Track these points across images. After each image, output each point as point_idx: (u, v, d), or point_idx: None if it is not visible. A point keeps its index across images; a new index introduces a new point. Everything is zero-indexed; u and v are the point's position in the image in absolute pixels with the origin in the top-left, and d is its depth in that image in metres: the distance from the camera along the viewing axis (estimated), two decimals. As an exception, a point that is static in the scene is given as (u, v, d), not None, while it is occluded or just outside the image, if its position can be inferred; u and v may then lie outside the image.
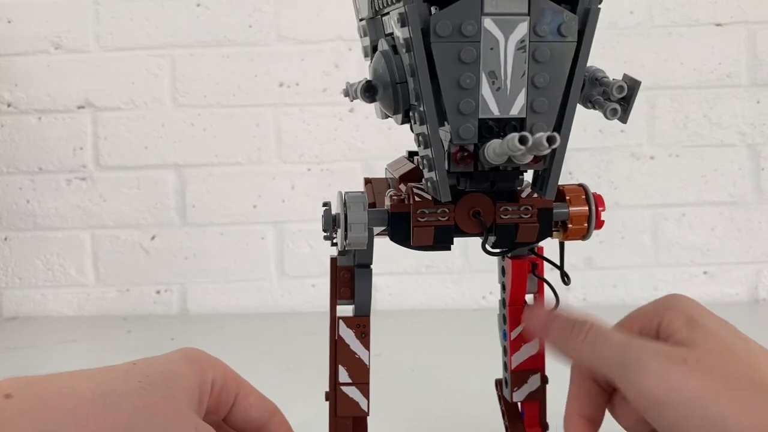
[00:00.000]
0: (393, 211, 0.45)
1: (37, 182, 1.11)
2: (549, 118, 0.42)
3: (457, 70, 0.40)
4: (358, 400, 0.50)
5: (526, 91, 0.41)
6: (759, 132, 1.07)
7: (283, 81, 1.08)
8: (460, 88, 0.40)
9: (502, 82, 0.41)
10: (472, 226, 0.45)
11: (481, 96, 0.41)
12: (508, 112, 0.41)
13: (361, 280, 0.49)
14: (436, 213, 0.44)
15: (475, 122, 0.41)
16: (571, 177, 1.08)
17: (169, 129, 1.10)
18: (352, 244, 0.46)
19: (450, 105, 0.41)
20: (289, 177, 1.09)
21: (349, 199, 0.46)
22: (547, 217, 0.46)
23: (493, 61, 0.40)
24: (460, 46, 0.40)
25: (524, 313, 0.50)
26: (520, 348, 0.51)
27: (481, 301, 1.10)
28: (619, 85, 0.42)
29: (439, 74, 0.40)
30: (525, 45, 0.40)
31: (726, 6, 1.05)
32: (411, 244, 0.45)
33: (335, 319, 0.50)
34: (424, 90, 0.40)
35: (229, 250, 1.11)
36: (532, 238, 0.46)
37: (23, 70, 1.10)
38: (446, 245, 0.46)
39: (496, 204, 0.45)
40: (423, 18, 0.40)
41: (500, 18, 0.40)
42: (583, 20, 0.41)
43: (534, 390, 0.51)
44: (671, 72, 1.06)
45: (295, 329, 0.99)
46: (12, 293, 1.13)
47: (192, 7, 1.08)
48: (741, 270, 1.08)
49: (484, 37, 0.40)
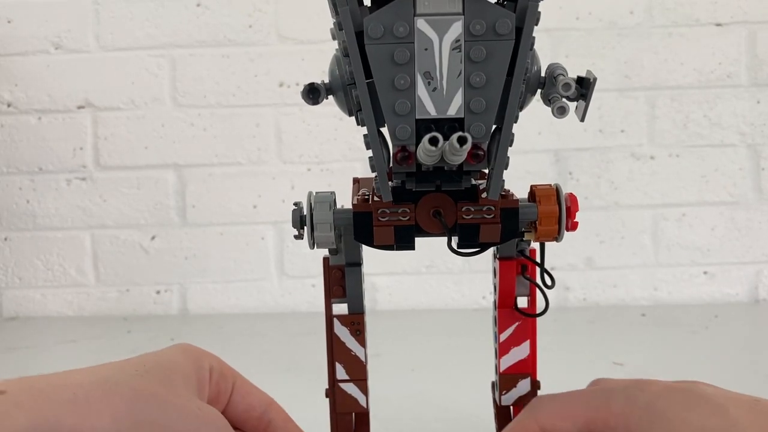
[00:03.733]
0: (356, 211, 0.46)
1: (37, 182, 1.11)
2: (487, 118, 0.41)
3: (391, 72, 0.40)
4: (357, 397, 0.51)
5: (462, 91, 0.41)
6: (759, 132, 1.07)
7: (283, 81, 1.08)
8: (395, 90, 0.41)
9: (438, 83, 0.41)
10: (434, 226, 0.45)
11: (417, 97, 0.41)
12: (446, 113, 0.41)
13: (351, 278, 0.50)
14: (397, 213, 0.45)
15: (412, 123, 0.41)
16: (571, 177, 1.08)
17: (169, 129, 1.10)
18: (320, 243, 0.47)
19: (386, 106, 0.41)
20: (289, 177, 1.09)
21: (316, 199, 0.47)
22: (512, 217, 0.45)
23: (428, 62, 0.40)
24: (393, 47, 0.40)
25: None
26: (509, 351, 0.50)
27: (481, 301, 1.10)
28: (565, 82, 0.41)
29: (374, 76, 0.41)
30: (460, 45, 0.40)
31: (726, 6, 1.05)
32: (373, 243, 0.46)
33: (330, 317, 0.51)
34: (360, 92, 0.41)
35: (229, 250, 1.11)
36: (495, 239, 0.45)
37: (23, 70, 1.10)
38: (409, 245, 0.46)
39: (458, 204, 0.45)
40: (357, 21, 0.40)
41: (433, 18, 0.40)
42: (522, 17, 0.40)
43: (524, 394, 0.50)
44: (671, 72, 1.06)
45: (295, 329, 0.99)
46: (12, 293, 1.13)
47: (192, 7, 1.08)
48: (741, 270, 1.08)
49: (418, 37, 0.40)
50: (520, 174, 1.06)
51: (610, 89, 1.05)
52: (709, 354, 0.86)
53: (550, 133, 1.06)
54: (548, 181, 1.07)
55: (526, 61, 0.41)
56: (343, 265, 0.50)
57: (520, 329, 0.50)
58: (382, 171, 0.42)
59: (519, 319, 0.50)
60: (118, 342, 0.99)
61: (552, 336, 0.85)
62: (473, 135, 0.41)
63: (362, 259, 0.51)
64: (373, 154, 0.42)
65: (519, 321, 0.50)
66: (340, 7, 0.40)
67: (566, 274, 1.09)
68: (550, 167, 1.07)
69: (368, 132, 0.42)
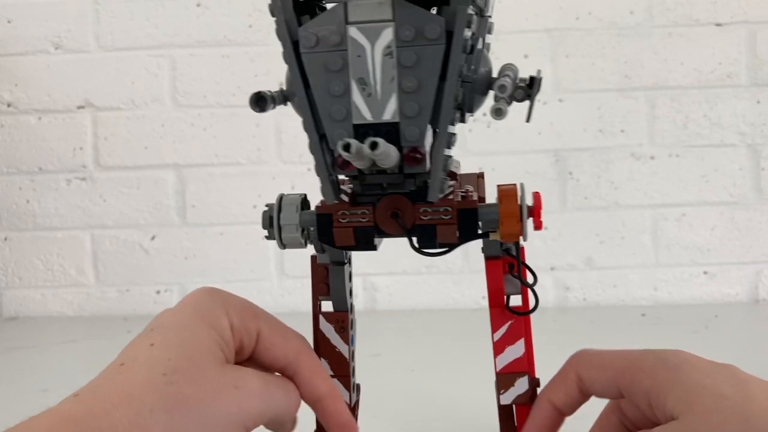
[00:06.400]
0: (318, 212, 0.46)
1: (37, 182, 1.11)
2: (420, 122, 0.42)
3: (326, 79, 0.42)
4: (341, 393, 0.51)
5: (396, 96, 0.41)
6: (759, 132, 1.07)
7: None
8: (330, 96, 0.42)
9: (372, 88, 0.42)
10: (393, 227, 0.46)
11: (353, 102, 0.42)
12: (381, 117, 0.42)
13: (335, 276, 0.51)
14: (357, 214, 0.46)
15: (349, 128, 0.42)
16: (571, 177, 1.08)
17: (169, 129, 1.10)
18: (288, 244, 0.48)
19: (323, 112, 0.42)
20: (289, 177, 1.09)
21: (284, 201, 0.48)
22: (470, 218, 0.46)
23: (361, 68, 0.41)
24: (326, 55, 0.41)
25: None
26: (504, 350, 0.50)
27: (481, 301, 1.10)
28: (501, 84, 0.41)
29: (310, 83, 0.42)
30: (392, 51, 0.41)
31: (726, 6, 1.05)
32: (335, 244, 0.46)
33: (317, 314, 0.52)
34: (299, 99, 0.43)
35: (229, 250, 1.11)
36: (453, 239, 0.46)
37: (23, 70, 1.10)
38: (369, 246, 0.46)
39: (415, 205, 0.45)
40: (293, 31, 0.42)
41: (364, 26, 0.41)
42: (452, 22, 0.40)
43: (522, 393, 0.50)
44: (671, 72, 1.06)
45: (295, 329, 0.99)
46: (12, 293, 1.13)
47: (192, 7, 1.08)
48: (741, 270, 1.08)
49: (351, 45, 0.41)
50: (520, 174, 1.06)
51: (610, 89, 1.05)
52: (709, 354, 0.85)
53: (550, 133, 1.06)
54: (548, 181, 1.07)
55: (461, 64, 0.41)
56: (328, 264, 0.51)
57: (513, 328, 0.50)
58: (323, 175, 0.44)
59: (511, 317, 0.50)
60: (118, 342, 0.98)
61: (552, 336, 0.85)
62: (408, 138, 0.42)
63: (348, 258, 0.52)
64: (315, 159, 0.44)
65: (511, 320, 0.50)
66: (276, 17, 0.41)
67: (566, 274, 1.09)
68: (550, 167, 1.07)
69: (309, 138, 0.43)
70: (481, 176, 0.51)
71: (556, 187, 1.07)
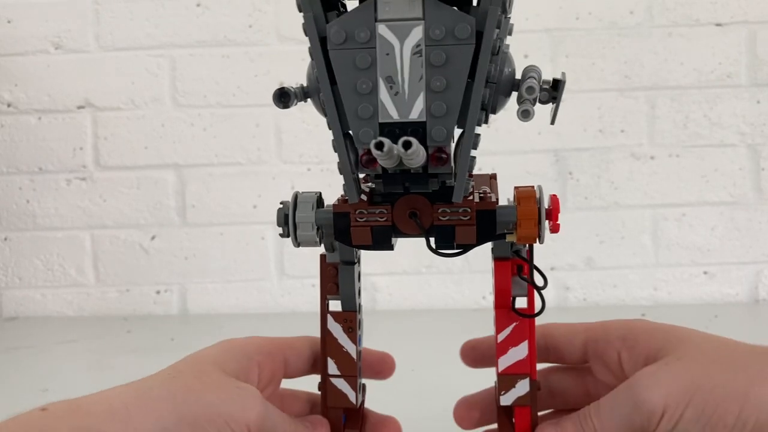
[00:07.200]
0: (335, 211, 0.46)
1: (37, 182, 1.11)
2: (448, 122, 0.42)
3: (354, 76, 0.42)
4: (347, 392, 0.52)
5: (424, 95, 0.41)
6: (759, 132, 1.07)
7: (283, 81, 1.08)
8: (357, 94, 0.42)
9: (400, 87, 0.41)
10: (411, 227, 0.46)
11: (380, 101, 0.42)
12: (408, 116, 0.42)
13: (344, 275, 0.51)
14: (374, 213, 0.45)
15: (375, 126, 0.42)
16: (571, 177, 1.08)
17: (169, 129, 1.10)
18: (303, 242, 0.48)
19: (349, 110, 0.42)
20: (289, 177, 1.09)
21: (300, 199, 0.48)
22: (489, 219, 0.46)
23: (389, 67, 0.41)
24: (355, 52, 0.41)
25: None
26: (507, 351, 0.50)
27: (481, 301, 1.10)
28: (528, 86, 0.41)
29: (337, 80, 0.42)
30: (421, 49, 0.41)
31: (726, 6, 1.05)
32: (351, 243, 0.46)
33: (325, 313, 0.52)
34: (325, 96, 0.42)
35: (229, 250, 1.11)
36: (471, 240, 0.46)
37: (23, 70, 1.10)
38: (387, 246, 0.46)
39: (434, 205, 0.45)
40: (321, 27, 0.41)
41: (394, 24, 0.41)
42: (482, 22, 0.40)
43: (523, 395, 0.50)
44: (671, 72, 1.06)
45: (295, 329, 0.98)
46: (12, 293, 1.13)
47: (192, 7, 1.08)
48: (741, 270, 1.08)
49: (379, 42, 0.41)
50: (520, 174, 1.06)
51: (610, 89, 1.05)
52: (709, 354, 0.86)
53: (550, 133, 1.06)
54: (548, 181, 1.07)
55: (488, 65, 0.41)
56: (338, 263, 0.51)
57: (517, 329, 0.50)
58: (347, 174, 0.43)
59: (516, 319, 0.50)
60: (118, 342, 0.99)
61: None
62: (434, 138, 0.42)
63: (358, 258, 0.51)
64: (339, 158, 0.43)
65: (517, 321, 0.50)
66: (304, 13, 0.41)
67: (566, 274, 1.09)
68: (550, 167, 1.07)
69: (333, 135, 0.43)
70: (494, 177, 0.51)
71: (556, 187, 1.07)
